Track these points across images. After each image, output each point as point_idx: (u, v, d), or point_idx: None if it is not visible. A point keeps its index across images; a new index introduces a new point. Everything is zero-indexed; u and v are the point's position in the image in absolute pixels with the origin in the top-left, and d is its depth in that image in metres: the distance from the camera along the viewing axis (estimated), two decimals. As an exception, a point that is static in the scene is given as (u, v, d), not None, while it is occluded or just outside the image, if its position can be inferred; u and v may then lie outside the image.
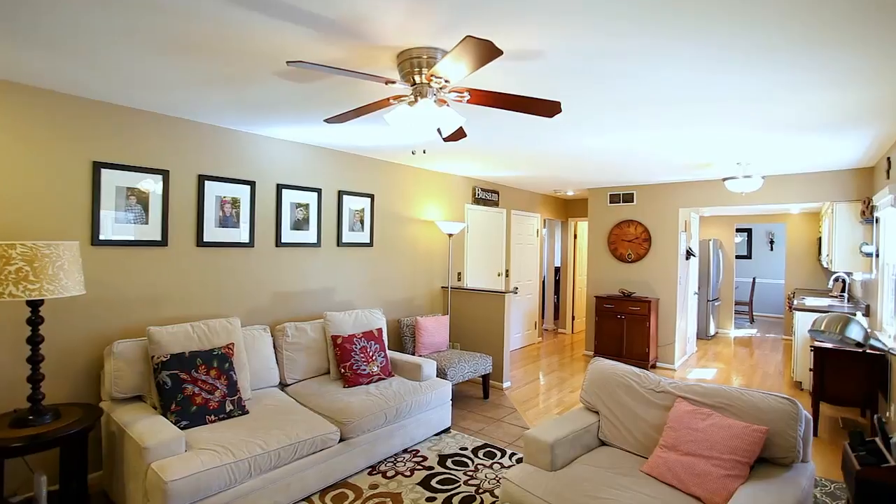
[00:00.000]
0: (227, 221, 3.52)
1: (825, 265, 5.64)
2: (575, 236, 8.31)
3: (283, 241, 3.90)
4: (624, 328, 5.86)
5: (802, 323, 5.08)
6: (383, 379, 3.64)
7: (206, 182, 3.39)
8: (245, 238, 3.64)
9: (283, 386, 3.49)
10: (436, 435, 3.71)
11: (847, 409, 4.50)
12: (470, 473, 3.10)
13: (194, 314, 3.35)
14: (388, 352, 4.00)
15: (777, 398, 2.16)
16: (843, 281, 6.10)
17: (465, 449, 3.47)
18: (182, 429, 2.55)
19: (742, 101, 2.69)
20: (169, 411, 2.56)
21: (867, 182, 4.78)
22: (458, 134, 2.70)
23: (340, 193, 4.35)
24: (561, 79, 2.37)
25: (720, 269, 8.14)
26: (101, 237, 2.88)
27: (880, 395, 3.75)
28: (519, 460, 3.29)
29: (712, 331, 8.00)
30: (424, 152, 2.41)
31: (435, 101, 2.11)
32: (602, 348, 6.06)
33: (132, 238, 3.02)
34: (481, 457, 3.35)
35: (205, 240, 3.38)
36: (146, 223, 3.09)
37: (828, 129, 3.31)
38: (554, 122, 3.21)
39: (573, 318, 8.35)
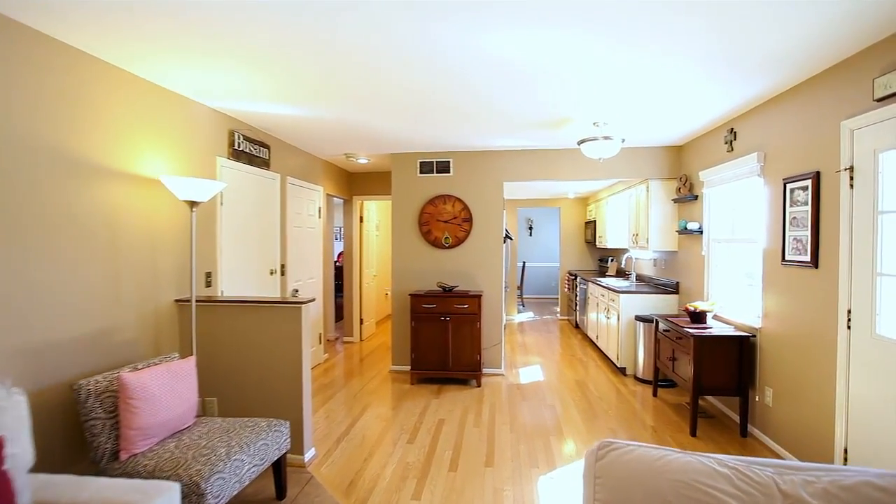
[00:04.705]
0: None
1: (631, 245, 5.63)
2: (361, 219, 6.66)
3: None
4: (449, 333, 4.57)
5: (627, 306, 4.79)
6: None
7: None
8: None
9: None
10: None
11: (680, 395, 4.31)
12: None
13: None
14: (30, 487, 1.53)
15: None
16: (628, 260, 6.35)
17: None
18: None
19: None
20: None
21: (677, 161, 4.74)
22: None
23: None
24: None
25: (508, 255, 7.86)
26: None
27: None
28: None
29: (504, 319, 7.65)
30: None
31: None
32: (421, 361, 4.62)
33: None
34: None
35: None
36: None
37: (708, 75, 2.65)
38: None
39: (361, 321, 6.72)
